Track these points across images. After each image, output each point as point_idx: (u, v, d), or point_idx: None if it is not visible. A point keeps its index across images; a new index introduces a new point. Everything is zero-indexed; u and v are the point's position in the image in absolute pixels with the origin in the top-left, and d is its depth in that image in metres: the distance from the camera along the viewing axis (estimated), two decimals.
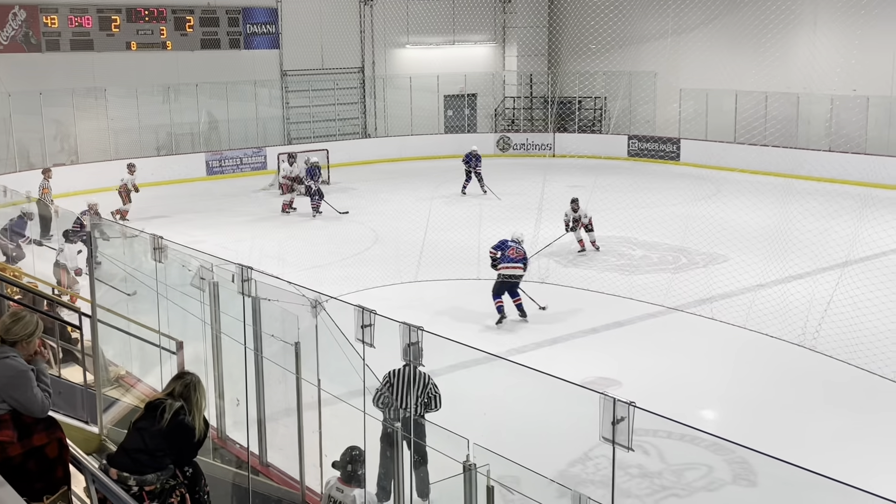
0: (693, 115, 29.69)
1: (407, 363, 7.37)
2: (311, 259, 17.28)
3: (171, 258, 8.14)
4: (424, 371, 7.40)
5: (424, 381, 7.42)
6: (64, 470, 4.97)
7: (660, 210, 20.77)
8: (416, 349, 6.86)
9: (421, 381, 7.39)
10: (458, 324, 13.25)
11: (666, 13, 29.41)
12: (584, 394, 4.93)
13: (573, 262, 17.01)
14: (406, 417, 7.22)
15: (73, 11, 25.86)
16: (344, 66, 31.26)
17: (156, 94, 27.63)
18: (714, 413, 10.75)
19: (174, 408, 5.38)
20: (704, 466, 9.02)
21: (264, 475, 7.51)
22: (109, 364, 9.18)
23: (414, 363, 7.42)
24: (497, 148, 32.36)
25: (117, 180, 21.97)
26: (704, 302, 13.99)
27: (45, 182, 20.86)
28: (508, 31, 34.66)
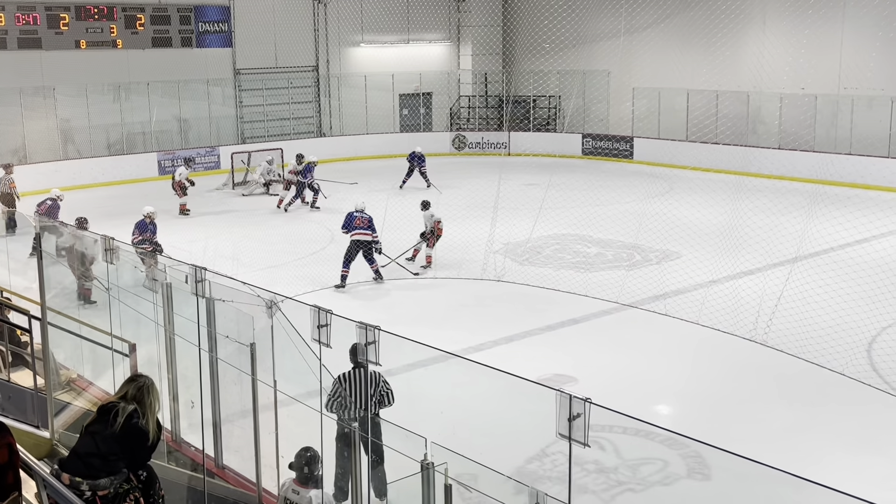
0: (646, 113, 30.03)
1: (356, 365, 7.39)
2: (266, 259, 17.16)
3: (122, 259, 8.04)
4: (373, 370, 7.39)
5: (376, 381, 7.42)
6: (14, 475, 4.87)
7: (614, 208, 20.99)
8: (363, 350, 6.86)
9: (373, 381, 7.39)
10: (414, 322, 13.25)
11: (618, 12, 29.70)
12: (540, 391, 4.96)
13: (529, 261, 17.10)
14: (362, 417, 7.21)
15: (21, 9, 25.35)
16: (298, 64, 31.06)
17: (106, 93, 27.21)
18: (669, 408, 10.88)
19: (127, 411, 5.31)
20: (660, 461, 9.12)
21: (220, 478, 7.45)
22: (60, 367, 9.03)
23: (361, 363, 7.43)
24: (452, 146, 32.41)
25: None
26: (658, 298, 14.16)
27: (9, 176, 20.49)
28: (463, 30, 34.73)
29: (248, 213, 22.35)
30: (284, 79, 30.79)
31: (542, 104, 33.38)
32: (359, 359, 7.44)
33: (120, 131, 27.69)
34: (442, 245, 16.84)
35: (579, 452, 4.54)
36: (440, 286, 15.72)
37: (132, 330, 8.32)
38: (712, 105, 27.89)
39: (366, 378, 7.32)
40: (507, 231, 18.15)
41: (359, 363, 7.48)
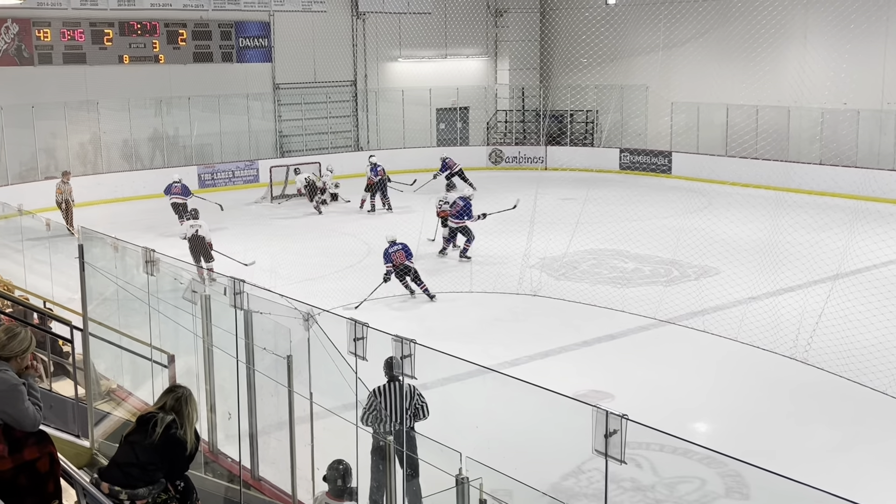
0: (684, 128, 29.83)
1: (391, 378, 7.41)
2: (303, 272, 17.26)
3: (162, 271, 8.13)
4: (408, 383, 7.41)
5: (411, 393, 7.43)
6: (55, 484, 4.95)
7: (651, 223, 20.84)
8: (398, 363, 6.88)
9: (408, 394, 7.40)
10: (449, 336, 13.24)
11: (657, 27, 29.59)
12: (576, 406, 4.93)
13: (565, 275, 17.03)
14: (397, 430, 7.21)
15: (66, 25, 25.86)
16: (336, 79, 31.31)
17: (148, 107, 27.62)
18: (706, 426, 10.75)
19: (166, 421, 5.37)
20: (697, 479, 9.01)
21: (256, 489, 7.48)
22: (101, 377, 9.15)
23: (396, 377, 7.45)
24: (489, 161, 32.43)
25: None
26: (696, 314, 14.02)
27: (67, 185, 21.25)
28: (500, 44, 34.80)
29: (287, 227, 22.52)
30: (323, 93, 31.05)
31: (580, 118, 33.29)
32: (394, 372, 7.47)
33: (161, 145, 28.09)
34: (477, 259, 16.83)
35: (615, 469, 4.51)
36: (475, 300, 15.70)
37: (171, 341, 8.40)
38: (752, 120, 27.64)
39: (401, 391, 7.33)
40: (544, 246, 18.09)
41: (394, 376, 7.50)
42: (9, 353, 4.83)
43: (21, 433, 4.81)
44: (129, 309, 9.32)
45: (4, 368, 4.78)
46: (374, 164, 24.24)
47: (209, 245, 16.85)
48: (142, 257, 8.08)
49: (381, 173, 24.21)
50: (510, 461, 6.93)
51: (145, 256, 8.03)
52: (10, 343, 4.84)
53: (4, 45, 24.89)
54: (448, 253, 18.58)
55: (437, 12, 32.37)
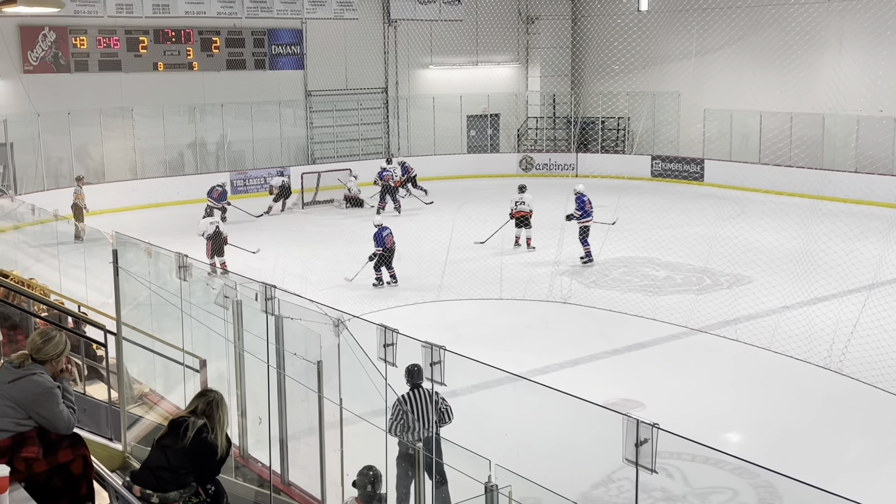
0: (717, 135, 29.59)
1: (413, 385, 7.43)
2: (333, 278, 17.33)
3: (195, 276, 8.20)
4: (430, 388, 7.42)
5: (435, 399, 7.45)
6: (88, 487, 5.00)
7: (684, 231, 20.68)
8: (419, 370, 6.90)
9: (433, 400, 7.42)
10: (478, 343, 13.22)
11: (690, 34, 29.41)
12: (607, 415, 4.90)
13: (596, 283, 16.95)
14: (427, 438, 7.22)
15: (102, 33, 26.22)
16: (368, 86, 31.45)
17: (182, 114, 27.90)
18: (739, 436, 10.64)
19: (197, 425, 5.40)
20: (729, 490, 8.92)
21: (286, 494, 7.51)
22: (133, 381, 9.23)
23: (419, 384, 7.46)
24: (520, 168, 32.39)
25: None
26: (729, 323, 13.89)
27: (80, 189, 21.58)
28: (532, 51, 34.77)
29: (317, 233, 22.63)
30: (354, 100, 31.19)
31: (611, 125, 33.16)
32: (416, 379, 7.49)
33: (194, 151, 28.36)
34: (507, 266, 16.79)
35: (646, 479, 4.47)
36: (505, 307, 15.68)
37: (203, 346, 8.47)
38: (786, 127, 27.36)
39: (426, 398, 7.35)
40: (574, 253, 18.04)
41: (416, 384, 7.52)
42: (44, 357, 4.89)
43: (56, 436, 4.86)
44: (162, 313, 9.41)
45: (40, 372, 4.84)
46: (402, 163, 25.33)
47: (225, 240, 17.57)
48: (175, 262, 8.16)
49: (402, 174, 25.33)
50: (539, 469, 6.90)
51: (178, 261, 8.10)
52: (45, 346, 4.90)
53: (42, 53, 25.28)
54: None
55: (468, 19, 32.42)
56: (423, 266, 17.13)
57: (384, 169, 25.10)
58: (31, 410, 4.78)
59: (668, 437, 4.40)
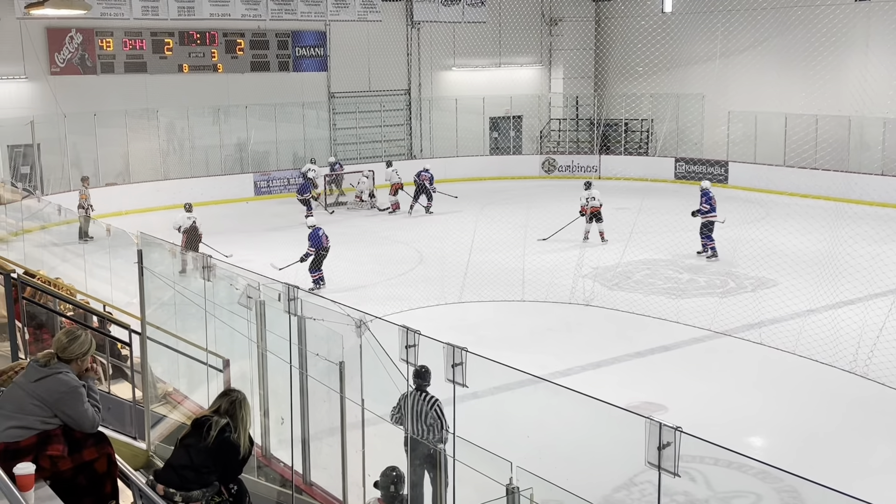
0: (741, 137, 29.40)
1: (417, 387, 7.46)
2: (356, 279, 17.38)
3: (218, 277, 8.24)
4: (431, 394, 7.48)
5: (430, 403, 7.48)
6: (113, 485, 5.04)
7: None
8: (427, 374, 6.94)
9: (426, 404, 7.45)
10: (500, 345, 13.21)
11: (714, 35, 29.24)
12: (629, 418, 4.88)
13: (618, 285, 16.88)
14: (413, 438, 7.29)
15: (128, 35, 26.45)
16: (390, 88, 31.52)
17: (206, 116, 28.09)
18: (762, 440, 10.56)
19: (220, 425, 5.43)
20: (752, 494, 8.86)
21: (308, 494, 7.53)
22: (157, 381, 9.30)
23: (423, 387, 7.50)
24: (542, 170, 32.33)
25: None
26: (753, 327, 13.79)
27: (85, 190, 21.83)
28: (555, 53, 34.70)
29: (340, 234, 22.68)
30: (377, 102, 31.27)
31: (635, 127, 33.03)
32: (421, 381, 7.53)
33: (218, 153, 28.55)
34: (529, 268, 16.76)
35: (668, 482, 4.45)
36: (527, 309, 15.65)
37: (226, 346, 8.52)
38: (811, 129, 27.12)
39: (421, 400, 7.43)
40: (597, 255, 17.99)
41: (420, 385, 7.55)
42: (70, 356, 4.94)
43: (81, 434, 4.91)
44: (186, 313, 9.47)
45: (65, 370, 4.88)
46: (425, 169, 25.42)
47: (200, 237, 17.77)
48: (199, 263, 8.21)
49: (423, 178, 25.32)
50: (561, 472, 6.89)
51: (202, 262, 8.15)
52: (70, 346, 4.94)
53: (69, 55, 25.54)
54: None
55: (491, 21, 32.41)
56: (446, 268, 17.14)
57: (425, 169, 25.43)
58: (57, 409, 4.82)
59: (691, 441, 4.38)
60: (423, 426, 7.51)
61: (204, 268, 8.11)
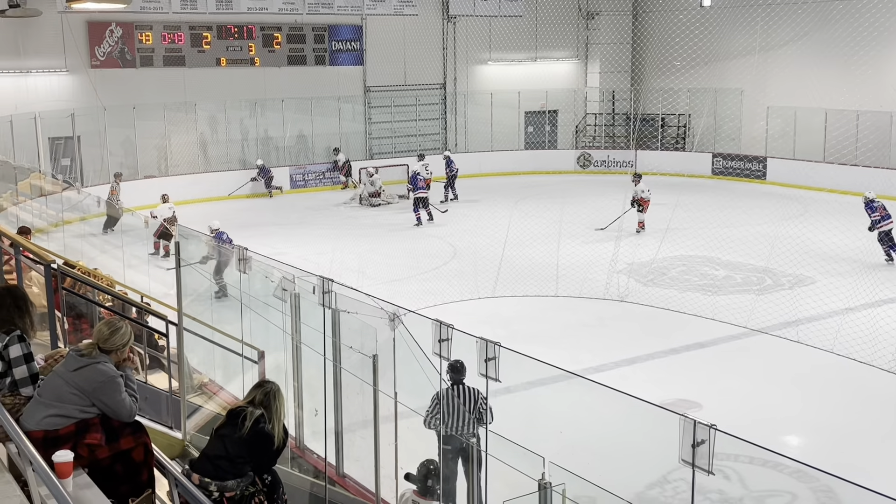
0: (780, 133, 29.03)
1: (454, 381, 7.44)
2: (390, 273, 17.43)
3: (254, 269, 8.31)
4: (472, 386, 7.45)
5: (475, 397, 7.44)
6: (149, 474, 5.10)
7: (744, 230, 20.34)
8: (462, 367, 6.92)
9: (471, 398, 7.41)
10: (533, 340, 13.18)
11: (754, 29, 28.89)
12: (663, 415, 4.85)
13: (653, 282, 16.77)
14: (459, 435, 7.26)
15: (167, 28, 26.72)
16: (426, 82, 31.53)
17: (243, 109, 28.30)
18: (798, 439, 10.45)
19: (255, 416, 5.47)
20: (788, 494, 8.77)
21: (340, 486, 7.58)
22: (193, 371, 9.40)
23: (460, 380, 7.48)
24: (577, 165, 32.19)
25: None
26: (790, 325, 13.63)
27: (116, 184, 22.24)
28: (591, 47, 34.49)
29: (375, 228, 22.78)
30: (412, 96, 31.30)
31: (672, 122, 32.75)
32: (459, 376, 7.51)
33: (255, 146, 28.75)
34: (564, 263, 16.70)
35: (702, 480, 4.42)
36: (561, 304, 15.60)
37: (261, 338, 8.59)
38: (852, 125, 26.71)
39: (465, 395, 7.37)
40: (632, 251, 17.87)
41: (458, 380, 7.54)
42: (110, 347, 5.00)
43: (118, 423, 4.97)
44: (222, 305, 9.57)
45: (104, 360, 4.95)
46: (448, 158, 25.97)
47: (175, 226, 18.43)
48: (235, 255, 8.28)
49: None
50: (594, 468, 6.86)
51: (238, 254, 8.22)
52: (111, 337, 5.01)
53: (109, 48, 25.85)
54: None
55: (527, 15, 32.29)
56: (479, 262, 17.13)
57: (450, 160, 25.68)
58: (95, 398, 4.89)
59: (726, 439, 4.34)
60: (464, 420, 7.49)
61: (240, 260, 8.19)
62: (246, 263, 8.20)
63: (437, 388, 7.20)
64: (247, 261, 8.19)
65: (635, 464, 9.07)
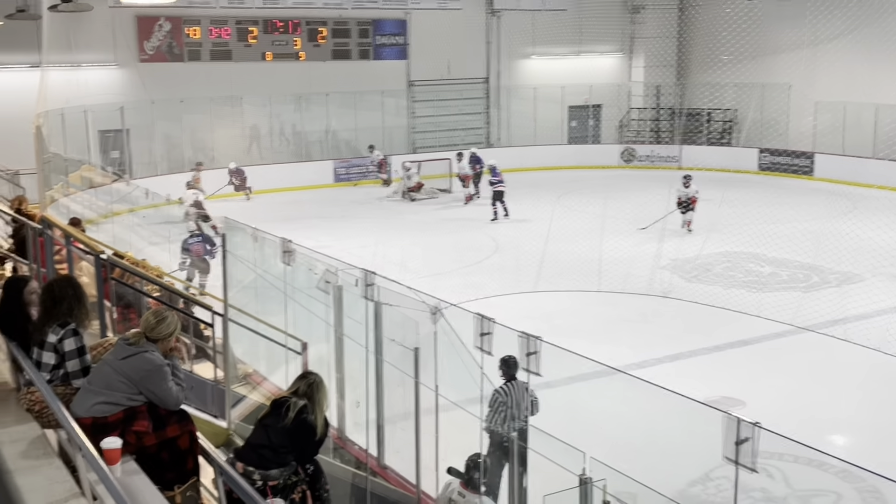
0: (829, 128, 28.52)
1: (509, 377, 7.44)
2: (432, 266, 17.47)
3: (298, 262, 8.39)
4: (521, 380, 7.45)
5: (527, 390, 7.45)
6: (194, 461, 5.18)
7: (791, 226, 20.01)
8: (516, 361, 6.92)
9: (525, 391, 7.42)
10: (574, 335, 13.13)
11: (803, 23, 28.38)
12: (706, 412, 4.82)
13: (697, 278, 16.61)
14: (521, 429, 7.24)
15: (214, 23, 27.03)
16: (469, 76, 31.50)
17: (288, 103, 28.52)
18: (844, 438, 10.29)
19: (298, 406, 5.53)
20: (833, 493, 8.65)
21: (382, 477, 7.64)
22: (238, 362, 9.52)
23: (514, 375, 7.48)
24: (621, 159, 31.95)
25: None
26: (837, 323, 13.41)
27: (197, 174, 22.92)
28: (636, 41, 34.18)
29: (417, 221, 22.84)
30: (456, 90, 31.28)
31: (717, 117, 32.35)
32: (513, 371, 7.50)
33: (299, 139, 28.98)
34: (606, 258, 16.60)
35: (745, 479, 4.39)
36: (603, 299, 15.52)
37: (305, 329, 8.67)
38: None
39: (522, 389, 7.37)
40: (676, 247, 17.72)
41: (512, 375, 7.53)
42: (157, 336, 5.10)
43: (165, 411, 5.06)
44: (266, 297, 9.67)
45: (151, 349, 5.05)
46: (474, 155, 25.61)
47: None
48: (279, 248, 8.37)
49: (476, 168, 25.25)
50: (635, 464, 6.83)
51: (283, 247, 8.31)
52: (158, 326, 5.10)
53: (157, 43, 26.22)
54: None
55: (572, 9, 32.06)
56: (521, 257, 17.11)
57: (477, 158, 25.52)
58: (142, 386, 4.98)
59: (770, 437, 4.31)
60: (522, 416, 7.50)
61: (284, 252, 8.27)
62: (290, 256, 8.28)
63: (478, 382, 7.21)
64: (291, 253, 8.28)
65: (677, 461, 9.01)
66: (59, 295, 5.38)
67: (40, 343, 5.31)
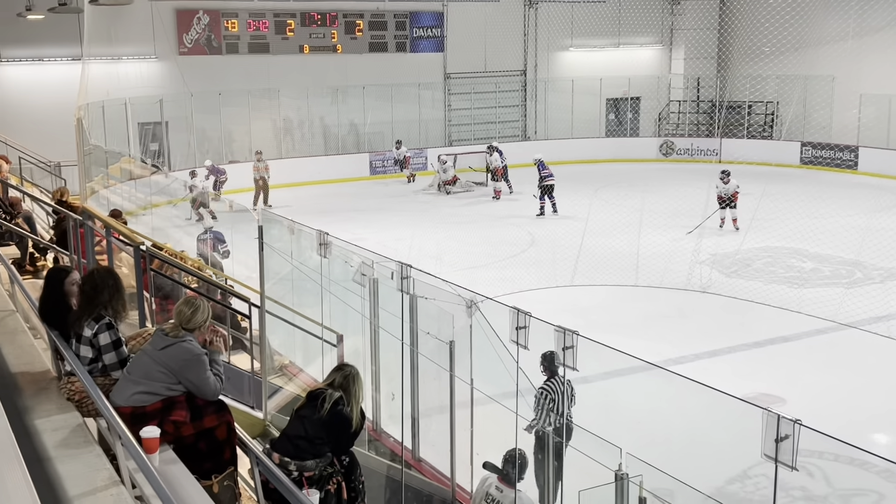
0: (874, 121, 28.02)
1: (552, 373, 7.39)
2: (467, 259, 17.44)
3: (334, 254, 8.41)
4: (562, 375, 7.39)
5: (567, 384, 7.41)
6: (231, 452, 5.22)
7: (834, 221, 19.69)
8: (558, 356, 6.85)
9: (569, 385, 7.37)
10: (611, 329, 13.03)
11: (847, 14, 27.89)
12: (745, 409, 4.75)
13: (737, 273, 16.41)
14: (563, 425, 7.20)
15: (252, 16, 27.20)
16: (506, 69, 31.39)
17: (325, 96, 28.63)
18: (888, 437, 10.11)
19: (334, 398, 5.55)
20: (874, 493, 8.50)
21: (416, 469, 7.64)
22: (275, 353, 9.58)
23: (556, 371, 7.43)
24: (660, 153, 31.66)
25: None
26: (881, 319, 13.18)
27: (259, 164, 23.39)
28: (676, 33, 33.84)
29: (453, 215, 22.82)
30: (492, 83, 31.20)
31: (759, 110, 31.93)
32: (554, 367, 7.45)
33: (336, 132, 29.08)
34: (644, 253, 16.47)
35: (785, 477, 4.32)
36: (641, 294, 15.39)
37: (340, 321, 8.69)
38: None
39: (565, 385, 7.33)
40: (715, 241, 17.52)
41: (554, 371, 7.49)
42: (193, 325, 5.14)
43: (202, 401, 5.10)
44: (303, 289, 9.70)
45: (189, 339, 5.08)
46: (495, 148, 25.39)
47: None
48: (316, 240, 8.39)
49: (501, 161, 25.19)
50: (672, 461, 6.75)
51: (319, 239, 8.33)
52: (193, 316, 5.14)
53: (196, 36, 26.45)
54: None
55: (611, 1, 31.82)
56: (558, 250, 17.01)
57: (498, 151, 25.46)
58: (181, 376, 5.02)
59: (811, 435, 4.23)
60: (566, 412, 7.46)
61: (321, 244, 8.29)
62: (326, 248, 8.30)
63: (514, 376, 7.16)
64: (327, 245, 8.29)
65: (715, 458, 8.91)
66: (99, 284, 5.44)
67: (77, 336, 5.37)
